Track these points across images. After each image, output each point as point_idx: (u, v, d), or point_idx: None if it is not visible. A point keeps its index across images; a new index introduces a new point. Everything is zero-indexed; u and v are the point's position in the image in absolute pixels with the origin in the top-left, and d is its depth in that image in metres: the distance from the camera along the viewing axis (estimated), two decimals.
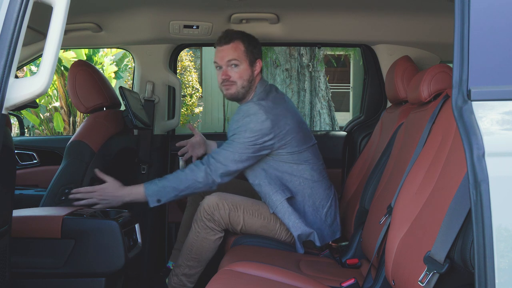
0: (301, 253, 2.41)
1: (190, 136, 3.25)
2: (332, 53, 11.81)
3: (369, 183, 2.38)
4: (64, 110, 8.70)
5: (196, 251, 2.41)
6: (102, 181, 2.55)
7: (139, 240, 2.25)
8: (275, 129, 2.42)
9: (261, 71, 2.58)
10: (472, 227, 1.09)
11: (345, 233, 2.63)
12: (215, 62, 2.56)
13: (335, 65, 11.75)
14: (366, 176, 2.58)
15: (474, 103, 1.16)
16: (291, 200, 2.47)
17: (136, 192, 2.44)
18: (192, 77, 10.86)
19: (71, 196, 2.34)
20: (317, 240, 2.43)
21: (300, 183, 2.50)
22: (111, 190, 2.40)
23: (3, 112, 1.33)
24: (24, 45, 1.38)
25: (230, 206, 2.40)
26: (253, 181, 2.53)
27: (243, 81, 2.50)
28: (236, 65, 2.49)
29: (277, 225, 2.47)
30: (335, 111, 9.34)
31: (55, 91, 8.80)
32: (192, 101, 10.74)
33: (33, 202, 2.53)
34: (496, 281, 1.06)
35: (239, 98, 2.56)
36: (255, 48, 2.55)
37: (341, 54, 12.14)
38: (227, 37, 2.51)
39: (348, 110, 14.11)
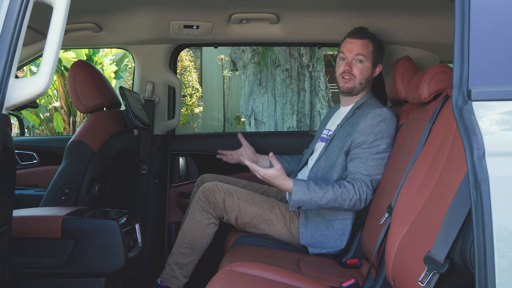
0: (301, 253, 2.41)
1: (190, 136, 3.24)
2: (331, 52, 11.81)
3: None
4: (64, 110, 8.70)
5: (190, 236, 2.43)
6: (102, 182, 2.55)
7: (139, 240, 2.25)
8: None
9: (377, 76, 2.60)
10: (472, 227, 1.09)
11: None
12: (341, 52, 2.56)
13: (333, 63, 11.75)
14: None
15: (474, 103, 1.16)
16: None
17: (285, 189, 2.34)
18: (192, 77, 10.86)
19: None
20: (329, 249, 2.42)
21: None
22: (274, 176, 2.29)
23: (3, 112, 1.33)
24: (24, 45, 1.38)
25: (225, 191, 2.44)
26: (337, 176, 2.42)
27: (362, 78, 2.52)
28: (361, 61, 2.52)
29: (273, 215, 2.46)
30: None
31: (55, 91, 8.81)
32: (192, 101, 10.74)
33: (33, 202, 2.53)
34: (496, 281, 1.06)
35: (353, 94, 2.55)
36: (381, 52, 2.60)
37: (335, 54, 12.14)
38: (362, 33, 2.54)
39: None
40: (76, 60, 4.88)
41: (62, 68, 8.31)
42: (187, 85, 10.63)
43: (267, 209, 2.47)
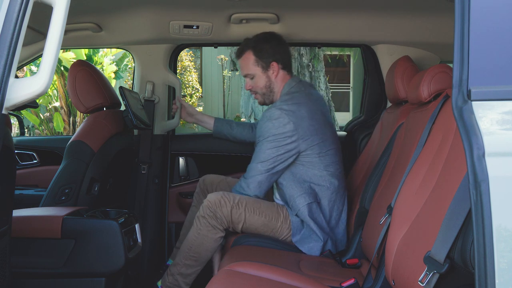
0: (301, 253, 2.41)
1: (190, 136, 3.24)
2: (329, 52, 11.82)
3: (369, 183, 2.38)
4: (64, 110, 8.70)
5: (196, 249, 2.40)
6: (102, 182, 2.55)
7: (139, 240, 2.25)
8: (299, 130, 2.45)
9: (284, 67, 2.63)
10: (472, 227, 1.09)
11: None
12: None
13: (329, 61, 11.74)
14: (366, 176, 2.58)
15: (474, 103, 1.15)
16: (315, 205, 2.47)
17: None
18: (192, 77, 10.87)
19: None
20: (333, 248, 2.45)
21: (327, 188, 2.51)
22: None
23: (3, 112, 1.33)
24: (24, 45, 1.38)
25: (232, 203, 2.39)
26: (279, 181, 2.53)
27: (261, 89, 2.63)
28: (251, 78, 2.64)
29: (278, 223, 2.47)
30: (335, 111, 9.34)
31: (55, 91, 8.80)
32: (192, 101, 10.74)
33: (33, 202, 2.53)
34: (496, 281, 1.06)
35: (268, 103, 2.68)
36: (266, 51, 2.61)
37: (337, 54, 12.15)
38: (238, 50, 2.66)
39: (348, 110, 14.11)
40: (76, 60, 4.89)
41: (62, 68, 8.31)
42: (187, 85, 10.64)
43: (272, 217, 2.47)
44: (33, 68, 8.28)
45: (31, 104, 3.27)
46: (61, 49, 2.92)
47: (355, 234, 2.40)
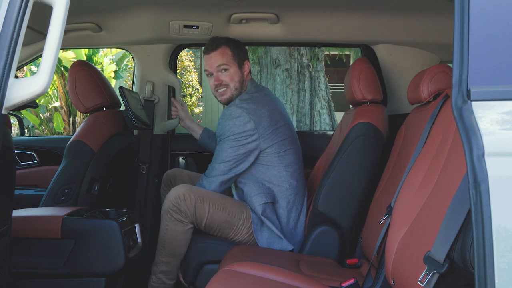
0: (301, 253, 2.41)
1: (190, 136, 3.24)
2: (328, 52, 11.80)
3: (322, 184, 2.42)
4: (64, 110, 8.70)
5: (169, 245, 2.40)
6: (102, 182, 2.55)
7: (139, 240, 2.25)
8: (259, 129, 2.46)
9: (250, 72, 2.65)
10: (472, 227, 1.09)
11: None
12: (205, 70, 2.65)
13: (328, 62, 11.73)
14: (320, 177, 2.60)
15: (474, 103, 1.15)
16: (271, 206, 2.48)
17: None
18: (192, 77, 10.86)
19: None
20: (289, 245, 2.45)
21: (287, 189, 2.52)
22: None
23: (3, 112, 1.33)
24: (24, 45, 1.38)
25: (196, 198, 2.39)
26: (239, 179, 2.56)
27: (235, 83, 2.59)
28: (226, 70, 2.59)
29: (240, 221, 2.47)
30: (335, 111, 9.34)
31: (55, 91, 8.80)
32: (192, 101, 10.74)
33: (33, 202, 2.53)
34: (496, 281, 1.06)
35: (229, 102, 2.63)
36: (241, 50, 2.64)
37: (336, 54, 12.14)
38: (214, 43, 2.61)
39: None
40: (76, 60, 4.88)
41: (62, 68, 8.31)
42: (187, 85, 10.63)
43: (235, 215, 2.46)
44: (33, 68, 8.28)
45: (31, 104, 3.27)
46: (61, 49, 2.92)
47: (308, 236, 2.43)
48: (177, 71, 6.68)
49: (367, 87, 2.52)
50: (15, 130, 7.33)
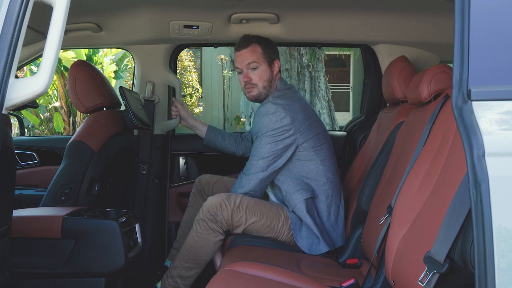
0: (301, 253, 2.41)
1: (189, 136, 3.24)
2: (328, 52, 11.81)
3: (366, 183, 2.39)
4: (64, 110, 8.70)
5: (196, 252, 2.39)
6: (102, 182, 2.55)
7: (139, 240, 2.25)
8: (295, 124, 2.47)
9: (279, 70, 2.67)
10: (472, 227, 1.09)
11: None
12: (236, 68, 2.67)
13: (326, 58, 11.74)
14: (363, 176, 2.58)
15: (474, 103, 1.15)
16: (312, 200, 2.48)
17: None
18: (192, 77, 10.86)
19: None
20: (326, 247, 2.44)
21: (324, 183, 2.52)
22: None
23: (3, 112, 1.33)
24: (24, 45, 1.38)
25: (233, 207, 2.38)
26: (276, 177, 2.54)
27: (264, 82, 2.60)
28: (255, 68, 2.60)
29: (280, 224, 2.47)
30: (335, 111, 9.34)
31: (55, 91, 8.80)
32: (192, 101, 10.74)
33: (33, 202, 2.53)
34: (496, 281, 1.06)
35: (261, 99, 2.64)
36: (271, 49, 2.65)
37: (336, 54, 12.16)
38: (245, 41, 2.62)
39: (348, 110, 14.10)
40: (76, 60, 4.88)
41: (62, 68, 8.31)
42: (187, 85, 10.64)
43: (273, 218, 2.47)
44: (33, 68, 8.28)
45: (31, 104, 3.26)
46: (61, 49, 2.92)
47: (352, 234, 2.39)
48: (177, 71, 6.67)
49: (408, 85, 2.50)
50: (15, 130, 7.33)
